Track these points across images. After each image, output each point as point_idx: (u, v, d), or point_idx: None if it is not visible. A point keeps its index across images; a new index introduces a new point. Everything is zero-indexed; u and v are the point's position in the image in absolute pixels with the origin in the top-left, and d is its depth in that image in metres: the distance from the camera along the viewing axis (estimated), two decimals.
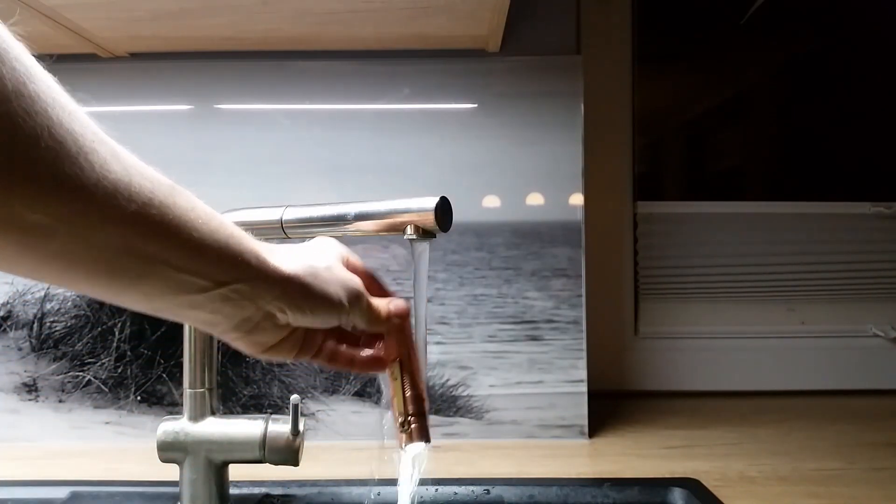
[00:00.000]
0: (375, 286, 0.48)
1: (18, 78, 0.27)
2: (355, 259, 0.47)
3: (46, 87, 0.28)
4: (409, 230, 0.47)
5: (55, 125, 0.28)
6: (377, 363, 0.47)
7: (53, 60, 0.31)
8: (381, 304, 0.46)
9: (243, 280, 0.36)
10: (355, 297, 0.43)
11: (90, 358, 0.83)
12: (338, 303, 0.41)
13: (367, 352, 0.47)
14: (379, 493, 0.65)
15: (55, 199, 0.28)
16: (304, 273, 0.40)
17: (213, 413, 0.56)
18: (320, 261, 0.42)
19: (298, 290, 0.39)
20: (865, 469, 0.74)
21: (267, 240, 0.40)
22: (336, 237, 0.48)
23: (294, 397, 0.54)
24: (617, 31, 1.06)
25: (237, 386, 0.84)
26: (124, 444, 0.83)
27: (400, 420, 0.46)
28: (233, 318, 0.38)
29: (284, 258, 0.39)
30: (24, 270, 0.30)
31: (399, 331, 0.47)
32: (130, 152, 0.32)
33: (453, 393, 0.85)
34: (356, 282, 0.43)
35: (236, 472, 0.58)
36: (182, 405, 0.56)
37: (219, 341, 0.58)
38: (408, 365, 0.47)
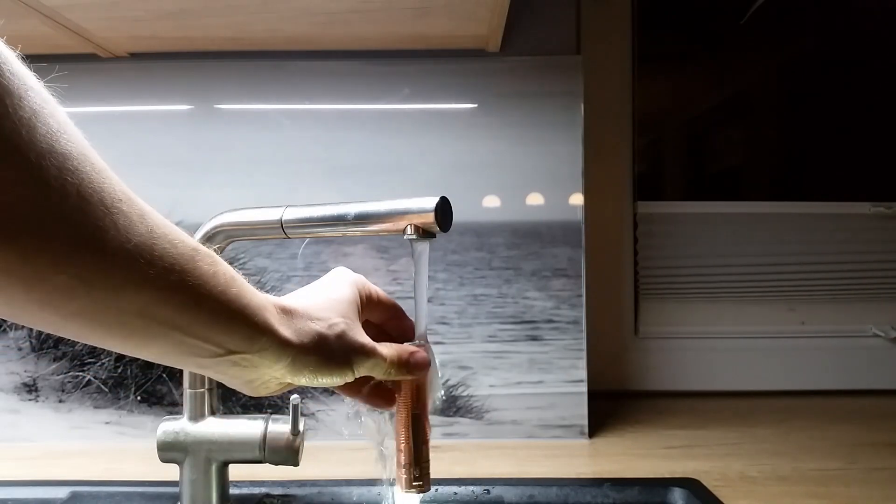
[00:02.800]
0: (396, 322, 0.48)
1: (52, 135, 0.26)
2: (376, 292, 0.47)
3: (78, 143, 0.28)
4: (409, 230, 0.47)
5: (84, 184, 0.27)
6: (387, 403, 0.47)
7: (55, 65, 0.31)
8: (397, 357, 0.44)
9: (252, 350, 0.37)
10: (368, 364, 0.42)
11: (90, 358, 0.83)
12: (347, 371, 0.41)
13: (378, 393, 0.47)
14: (379, 493, 0.65)
15: (79, 260, 0.28)
16: (314, 345, 0.39)
17: (213, 413, 0.56)
18: (334, 325, 0.41)
19: (307, 363, 0.39)
20: (866, 469, 0.73)
21: (267, 240, 0.40)
22: (336, 237, 0.48)
23: (294, 397, 0.54)
24: (617, 31, 1.06)
25: None
26: (124, 444, 0.83)
27: (406, 468, 0.46)
28: (239, 378, 0.39)
29: (296, 325, 0.39)
30: (43, 325, 0.30)
31: (417, 385, 0.46)
32: (158, 214, 0.32)
33: (453, 393, 0.85)
34: (369, 346, 0.42)
35: (236, 472, 0.58)
36: (182, 405, 0.56)
37: None
38: (421, 415, 0.46)
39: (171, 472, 0.56)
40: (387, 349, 0.44)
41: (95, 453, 0.79)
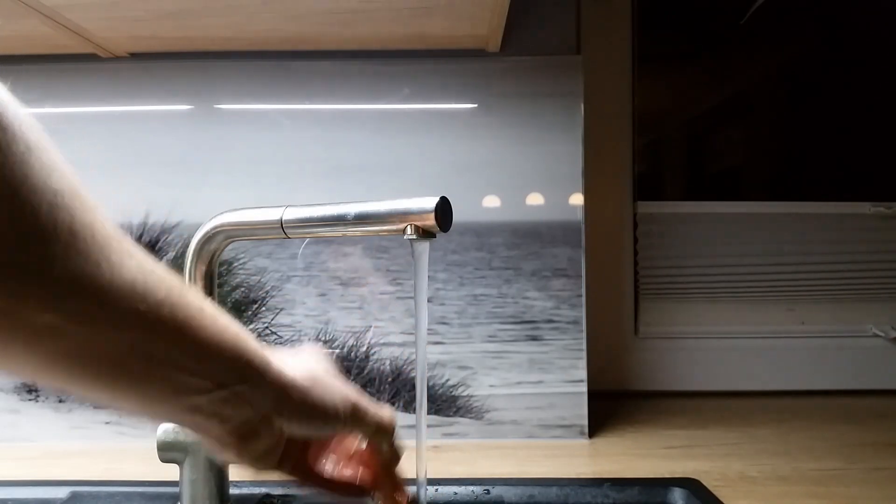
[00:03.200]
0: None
1: (45, 171, 0.26)
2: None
3: (69, 180, 0.27)
4: (409, 230, 0.47)
5: (76, 220, 0.27)
6: (359, 490, 0.47)
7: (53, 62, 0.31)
8: (377, 413, 0.44)
9: (245, 382, 0.36)
10: (352, 407, 0.42)
11: None
12: (333, 411, 0.40)
13: (348, 472, 0.46)
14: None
15: (68, 300, 0.27)
16: (305, 378, 0.39)
17: None
18: (318, 368, 0.41)
19: (298, 395, 0.38)
20: (865, 469, 0.74)
21: (267, 240, 0.40)
22: (336, 237, 0.48)
23: None
24: (617, 31, 1.06)
25: None
26: (124, 444, 0.83)
27: None
28: (230, 420, 0.36)
29: (285, 362, 0.39)
30: (28, 371, 0.30)
31: (392, 443, 0.46)
32: (141, 253, 0.31)
33: (453, 393, 0.85)
34: (351, 392, 0.43)
35: (236, 472, 0.58)
36: None
37: None
38: (397, 479, 0.47)
39: (171, 472, 0.56)
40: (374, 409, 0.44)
41: (95, 453, 0.79)
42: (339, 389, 0.41)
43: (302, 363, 0.41)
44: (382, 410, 0.45)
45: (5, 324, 0.26)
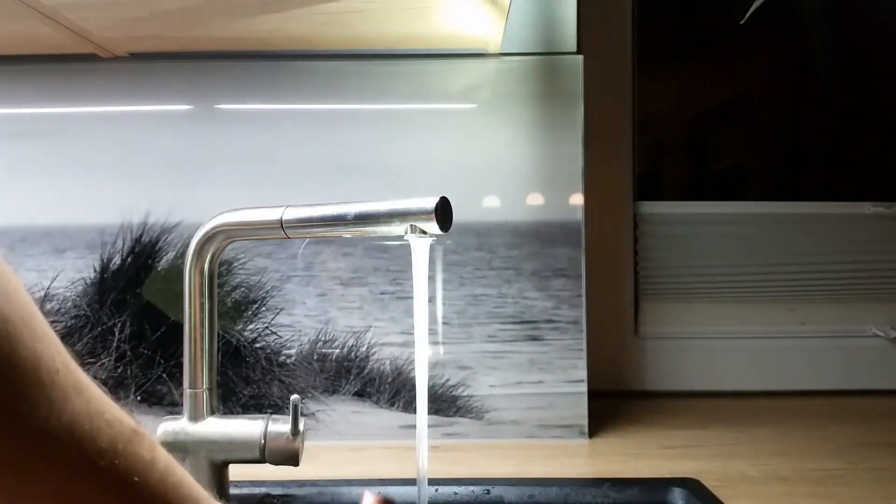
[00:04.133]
0: None
1: None
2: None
3: (18, 304, 0.25)
4: (409, 230, 0.47)
5: (15, 353, 0.24)
6: None
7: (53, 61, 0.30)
8: None
9: None
10: None
11: (90, 358, 0.83)
12: None
13: None
14: (379, 493, 0.65)
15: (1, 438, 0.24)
16: None
17: (213, 413, 0.56)
18: None
19: None
20: (865, 469, 0.74)
21: (267, 240, 0.40)
22: (336, 237, 0.48)
23: (294, 397, 0.54)
24: (617, 31, 1.06)
25: (237, 386, 0.84)
26: None
27: None
28: None
29: None
30: None
31: None
32: (95, 386, 0.28)
33: (453, 393, 0.85)
34: None
35: (236, 472, 0.58)
36: (182, 405, 0.56)
37: (219, 340, 0.58)
38: None
39: None
40: None
41: None
42: None
43: None
44: None
45: None
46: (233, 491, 0.59)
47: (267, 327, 0.84)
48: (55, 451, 0.26)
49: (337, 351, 0.84)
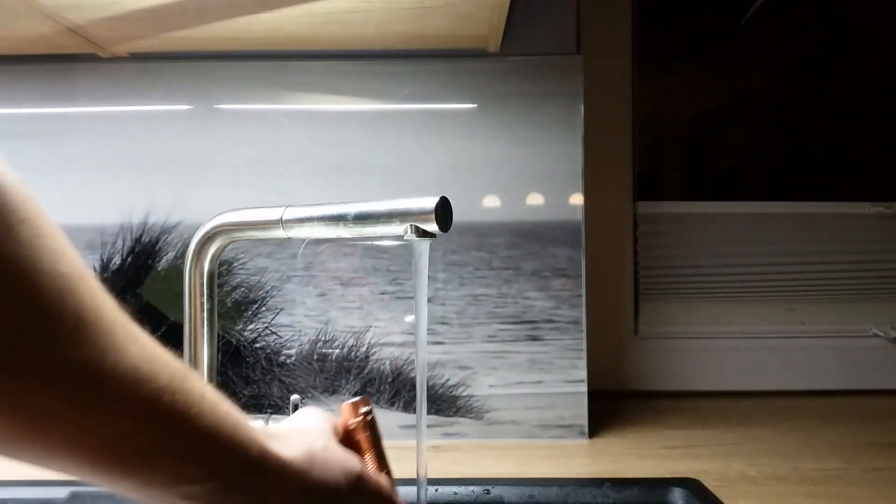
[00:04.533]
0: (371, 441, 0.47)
1: (53, 255, 0.26)
2: (341, 421, 0.46)
3: (77, 265, 0.27)
4: (409, 230, 0.47)
5: (81, 307, 0.27)
6: None
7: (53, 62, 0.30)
8: (377, 483, 0.43)
9: (244, 471, 0.35)
10: (353, 480, 0.41)
11: None
12: (334, 488, 0.40)
13: None
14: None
15: (72, 383, 0.27)
16: (303, 459, 0.38)
17: None
18: (317, 441, 0.40)
19: (297, 478, 0.38)
20: (865, 469, 0.74)
21: (267, 240, 0.40)
22: (336, 237, 0.48)
23: (294, 397, 0.54)
24: (617, 31, 1.06)
25: (237, 386, 0.84)
26: None
27: None
28: None
29: (283, 443, 0.38)
30: (27, 456, 0.29)
31: None
32: (148, 337, 0.31)
33: (453, 393, 0.85)
34: (354, 464, 0.42)
35: None
36: None
37: (219, 340, 0.58)
38: None
39: None
40: (378, 475, 0.43)
41: None
42: (339, 463, 0.41)
43: (301, 440, 0.40)
44: (381, 479, 0.44)
45: (6, 407, 0.26)
46: None
47: (267, 327, 0.85)
48: (123, 391, 0.28)
49: (337, 351, 0.84)
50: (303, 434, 0.41)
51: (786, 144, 1.26)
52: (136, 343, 0.29)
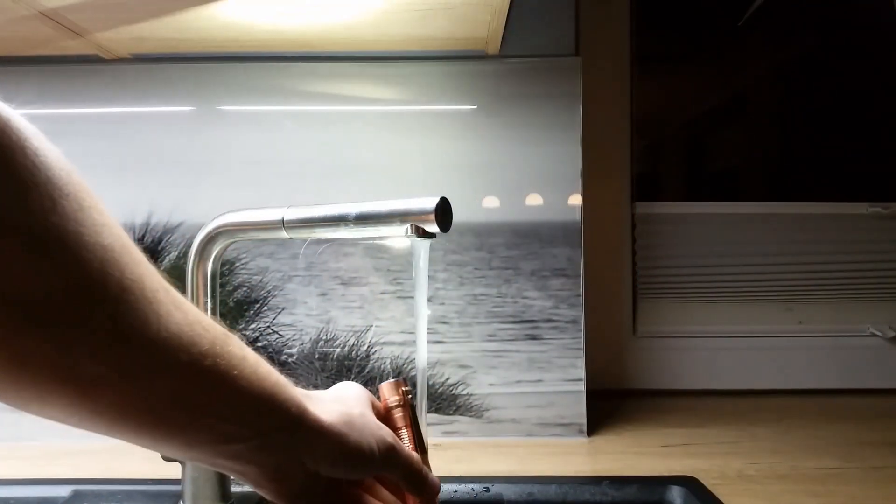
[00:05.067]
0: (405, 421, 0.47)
1: (96, 227, 0.27)
2: (381, 399, 0.47)
3: (119, 235, 0.28)
4: (409, 230, 0.47)
5: (125, 275, 0.28)
6: None
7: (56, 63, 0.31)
8: (409, 455, 0.44)
9: (283, 429, 0.36)
10: (386, 449, 0.42)
11: None
12: (369, 454, 0.40)
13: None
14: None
15: (118, 351, 0.28)
16: (341, 423, 0.39)
17: None
18: (355, 409, 0.42)
19: (334, 440, 0.39)
20: (863, 468, 0.74)
21: (269, 240, 0.40)
22: (337, 237, 0.49)
23: None
24: (616, 32, 1.07)
25: None
26: (126, 443, 0.83)
27: None
28: (267, 465, 0.37)
29: (322, 406, 0.39)
30: (74, 421, 0.30)
31: (423, 484, 0.45)
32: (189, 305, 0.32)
33: (453, 391, 0.85)
34: (388, 434, 0.43)
35: None
36: None
37: None
38: None
39: (173, 470, 0.57)
40: (409, 451, 0.44)
41: (97, 452, 0.80)
42: (375, 432, 0.42)
43: (339, 405, 0.41)
44: (413, 454, 0.45)
45: (54, 375, 0.27)
46: (234, 489, 0.60)
47: (269, 326, 0.85)
48: (167, 355, 0.30)
49: (338, 350, 0.85)
50: (342, 400, 0.42)
51: (784, 145, 1.26)
52: (178, 310, 0.30)
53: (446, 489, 0.68)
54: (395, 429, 0.46)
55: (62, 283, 0.26)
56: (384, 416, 0.46)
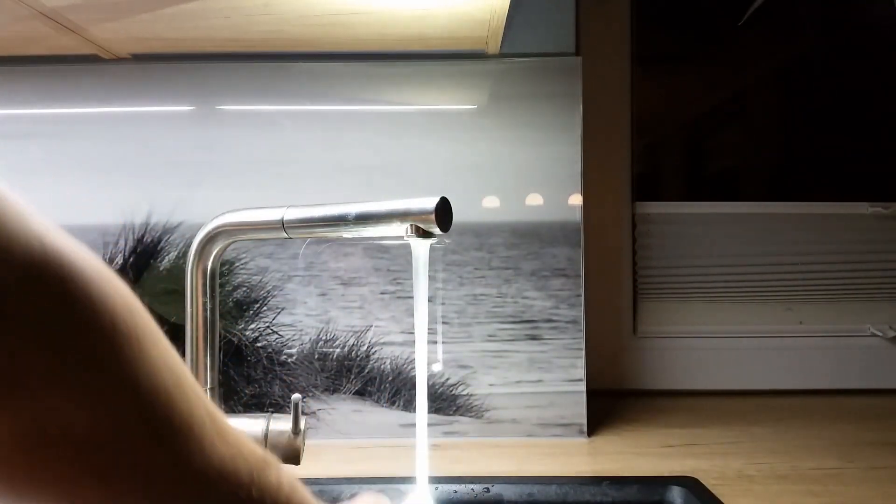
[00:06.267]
0: None
1: (155, 369, 0.27)
2: None
3: (174, 371, 0.28)
4: (409, 230, 0.47)
5: (176, 412, 0.28)
6: None
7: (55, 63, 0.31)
8: None
9: None
10: None
11: None
12: None
13: None
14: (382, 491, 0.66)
15: (162, 486, 0.28)
16: None
17: None
18: None
19: None
20: (863, 468, 0.74)
21: (269, 240, 0.40)
22: (337, 237, 0.49)
23: (295, 396, 0.55)
24: (616, 32, 1.07)
25: (238, 385, 0.84)
26: None
27: None
28: None
29: None
30: None
31: None
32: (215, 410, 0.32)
33: (453, 392, 0.85)
34: None
35: None
36: None
37: (220, 340, 0.59)
38: None
39: None
40: None
41: None
42: None
43: None
44: None
45: None
46: None
47: (268, 327, 0.85)
48: (209, 488, 0.30)
49: (338, 350, 0.85)
50: None
51: (784, 145, 1.26)
52: (222, 440, 0.30)
53: (446, 489, 0.68)
54: None
55: (113, 426, 0.26)
56: None
